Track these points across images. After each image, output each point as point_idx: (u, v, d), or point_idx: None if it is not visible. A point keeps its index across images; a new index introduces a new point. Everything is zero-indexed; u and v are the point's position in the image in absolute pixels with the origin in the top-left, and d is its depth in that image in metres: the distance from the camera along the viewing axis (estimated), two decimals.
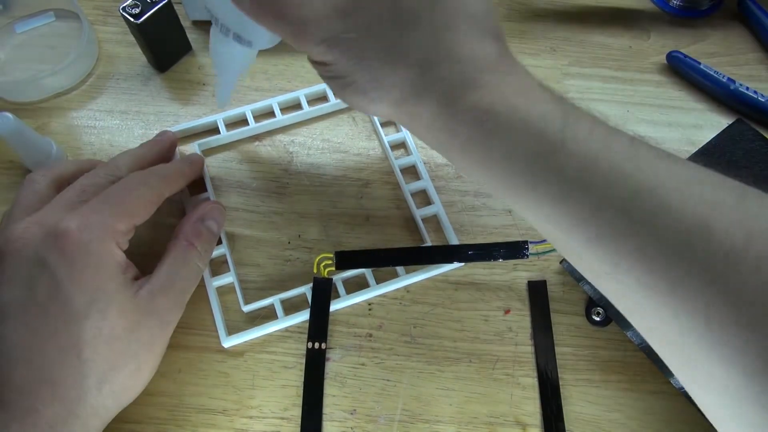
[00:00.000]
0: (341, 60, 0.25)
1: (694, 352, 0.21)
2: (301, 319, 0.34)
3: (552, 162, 0.22)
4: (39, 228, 0.28)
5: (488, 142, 0.23)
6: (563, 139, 0.22)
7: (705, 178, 0.21)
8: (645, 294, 0.21)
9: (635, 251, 0.21)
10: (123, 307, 0.28)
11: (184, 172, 0.34)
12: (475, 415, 0.33)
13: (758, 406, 0.20)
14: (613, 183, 0.21)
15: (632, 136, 0.23)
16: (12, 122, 0.34)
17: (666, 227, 0.20)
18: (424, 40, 0.24)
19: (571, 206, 0.22)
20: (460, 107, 0.24)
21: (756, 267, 0.19)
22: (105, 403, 0.28)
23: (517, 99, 0.23)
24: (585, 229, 0.22)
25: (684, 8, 0.47)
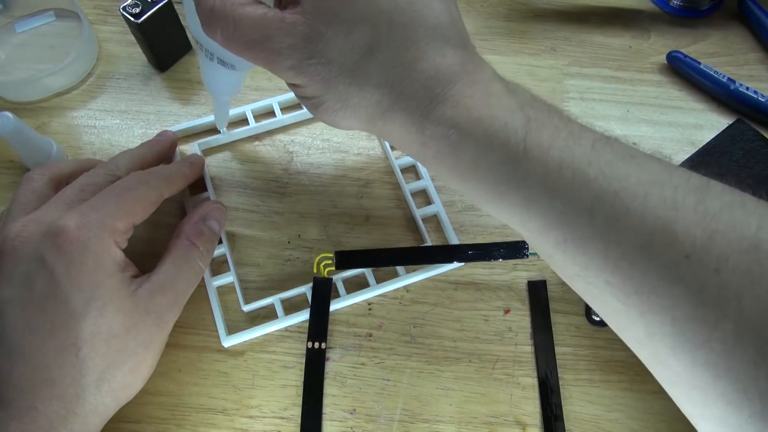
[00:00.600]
0: (309, 83, 0.26)
1: (662, 352, 0.22)
2: (301, 318, 0.34)
3: (516, 171, 0.23)
4: (37, 226, 0.28)
5: (456, 154, 0.24)
6: (525, 148, 0.23)
7: (667, 178, 0.22)
8: (613, 295, 0.22)
9: (601, 254, 0.22)
10: (121, 306, 0.28)
11: (184, 172, 0.34)
12: (475, 414, 0.33)
13: (724, 402, 0.20)
14: (576, 189, 0.22)
15: (596, 138, 0.23)
16: (12, 122, 0.34)
17: (628, 230, 0.21)
18: (385, 61, 0.24)
19: (537, 212, 0.23)
20: (426, 122, 0.24)
21: (716, 268, 0.20)
22: (104, 401, 0.28)
23: (480, 110, 0.24)
24: (553, 233, 0.23)
25: (684, 8, 0.47)
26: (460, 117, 0.24)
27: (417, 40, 0.24)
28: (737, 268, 0.20)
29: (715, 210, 0.21)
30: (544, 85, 0.44)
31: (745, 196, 0.21)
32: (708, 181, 0.22)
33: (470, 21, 0.46)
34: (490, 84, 0.25)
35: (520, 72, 0.44)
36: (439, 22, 0.25)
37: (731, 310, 0.19)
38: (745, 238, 0.20)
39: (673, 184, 0.21)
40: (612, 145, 0.23)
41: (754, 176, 0.37)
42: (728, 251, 0.20)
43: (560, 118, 0.24)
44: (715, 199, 0.21)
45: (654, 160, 0.23)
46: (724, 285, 0.20)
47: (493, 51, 0.45)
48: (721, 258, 0.20)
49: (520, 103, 0.24)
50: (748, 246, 0.20)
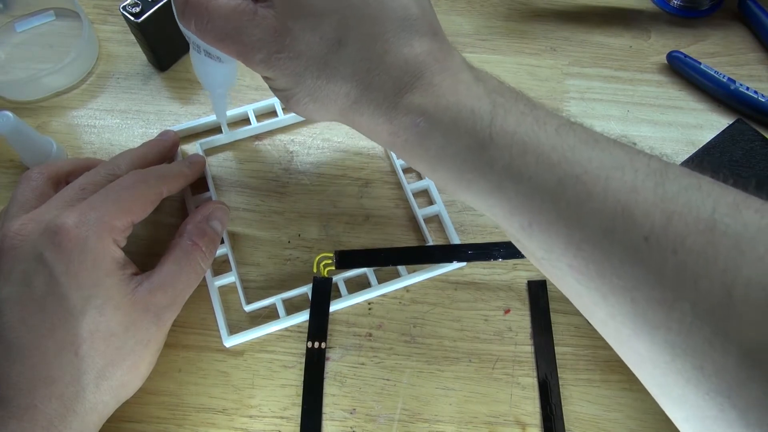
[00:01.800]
0: (279, 77, 0.26)
1: (624, 333, 0.22)
2: (302, 319, 0.34)
3: (482, 157, 0.23)
4: (36, 224, 0.28)
5: (424, 142, 0.25)
6: (491, 134, 0.23)
7: (628, 162, 0.22)
8: (576, 278, 0.23)
9: (564, 237, 0.22)
10: (120, 304, 0.28)
11: (185, 172, 0.34)
12: (475, 414, 0.33)
13: (683, 380, 0.21)
14: (540, 173, 0.22)
15: (560, 123, 0.24)
16: (12, 121, 0.34)
17: (590, 214, 0.21)
18: (354, 54, 0.25)
19: (503, 197, 0.23)
20: (395, 112, 0.25)
21: (673, 249, 0.20)
22: (103, 399, 0.28)
23: (447, 98, 0.24)
24: (519, 218, 0.23)
25: (684, 8, 0.47)
26: (428, 105, 0.24)
27: (385, 32, 0.25)
28: (693, 249, 0.20)
29: (673, 192, 0.21)
30: (545, 85, 0.44)
31: (703, 179, 0.22)
32: (667, 165, 0.22)
33: (470, 21, 0.46)
34: (458, 72, 0.25)
35: (521, 72, 0.44)
36: (407, 14, 0.25)
37: (688, 290, 0.20)
38: (701, 220, 0.20)
39: (633, 167, 0.22)
40: (575, 130, 0.23)
41: (754, 176, 0.37)
42: (685, 232, 0.20)
43: (526, 104, 0.24)
44: (674, 182, 0.21)
45: (617, 144, 0.23)
46: (680, 266, 0.20)
47: (493, 51, 0.45)
48: (678, 239, 0.20)
49: (488, 90, 0.25)
50: (704, 227, 0.20)
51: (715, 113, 0.43)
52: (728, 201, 0.21)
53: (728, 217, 0.20)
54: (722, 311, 0.19)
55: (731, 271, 0.19)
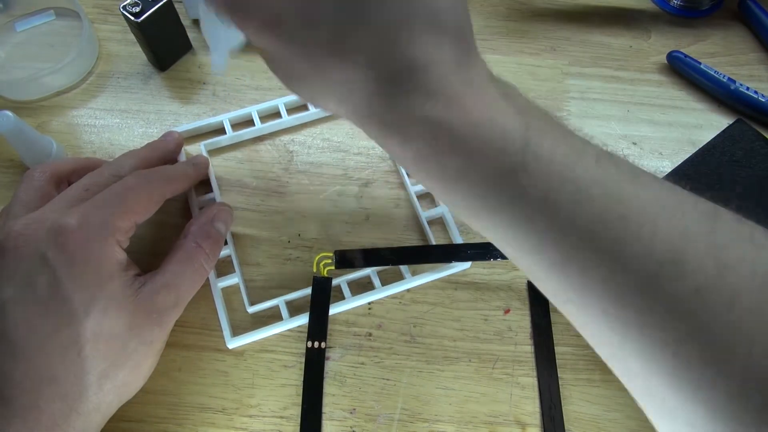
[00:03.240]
0: (284, 47, 0.22)
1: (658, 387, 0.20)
2: (305, 320, 0.34)
3: (512, 184, 0.21)
4: (40, 225, 0.28)
5: (442, 158, 0.22)
6: (524, 159, 0.21)
7: (677, 204, 0.20)
8: (610, 326, 0.21)
9: (602, 281, 0.20)
10: (123, 305, 0.28)
11: (188, 173, 0.34)
12: (475, 414, 0.33)
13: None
14: (579, 207, 0.20)
15: (599, 153, 0.21)
16: (12, 120, 0.34)
17: (634, 258, 0.19)
18: (375, 37, 0.21)
19: (533, 230, 0.21)
20: (411, 118, 0.21)
21: (728, 306, 0.18)
22: (106, 399, 0.28)
23: (476, 113, 0.21)
24: (549, 254, 0.21)
25: (684, 8, 0.47)
26: (453, 118, 0.21)
27: (413, 21, 0.21)
28: (749, 307, 0.18)
29: (725, 241, 0.19)
30: (545, 84, 0.44)
31: (755, 229, 0.20)
32: (716, 209, 0.20)
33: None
34: (486, 86, 0.22)
35: (521, 72, 0.44)
36: (439, 8, 0.21)
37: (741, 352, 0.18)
38: (757, 275, 0.19)
39: (681, 209, 0.20)
40: (617, 162, 0.21)
41: (754, 176, 0.37)
42: (740, 288, 0.18)
43: (560, 129, 0.22)
44: (725, 230, 0.20)
45: (657, 180, 0.21)
46: (734, 324, 0.18)
47: (493, 51, 0.45)
48: (734, 295, 0.18)
49: (519, 108, 0.22)
50: (760, 283, 0.18)
51: (715, 113, 0.43)
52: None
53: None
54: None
55: None
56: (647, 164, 0.41)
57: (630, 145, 0.41)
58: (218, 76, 0.39)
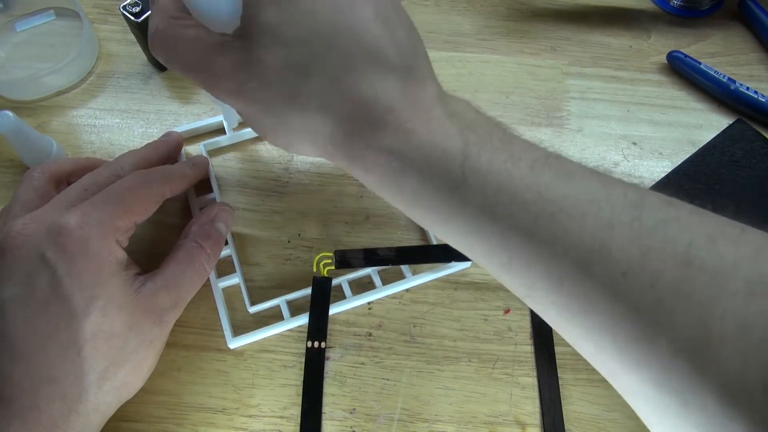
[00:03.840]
0: (251, 108, 0.26)
1: (613, 367, 0.22)
2: (306, 320, 0.34)
3: (457, 197, 0.23)
4: (39, 224, 0.28)
5: (398, 181, 0.24)
6: (464, 173, 0.23)
7: (605, 196, 0.22)
8: (560, 314, 0.23)
9: (544, 276, 0.22)
10: (123, 305, 0.28)
11: (187, 173, 0.34)
12: (475, 414, 0.33)
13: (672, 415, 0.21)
14: (515, 213, 0.22)
15: (536, 158, 0.23)
16: (12, 120, 0.34)
17: (567, 251, 0.21)
18: (324, 85, 0.24)
19: (480, 237, 0.23)
20: (368, 149, 0.24)
21: (650, 284, 0.20)
22: (105, 400, 0.28)
23: (420, 137, 0.23)
24: (497, 256, 0.23)
25: (684, 8, 0.47)
26: (400, 144, 0.23)
27: (356, 65, 0.23)
28: (670, 284, 0.20)
29: (649, 226, 0.21)
30: (545, 84, 0.44)
31: (681, 210, 0.22)
32: (644, 195, 0.22)
33: (470, 21, 0.46)
34: (432, 108, 0.24)
35: (521, 72, 0.44)
36: (379, 47, 0.24)
37: (665, 326, 0.20)
38: (677, 254, 0.20)
39: (610, 201, 0.22)
40: (551, 164, 0.23)
41: (754, 176, 0.37)
42: (662, 267, 0.20)
43: (501, 138, 0.24)
44: (651, 216, 0.21)
45: (594, 175, 0.23)
46: (657, 301, 0.20)
47: (493, 51, 0.45)
48: (655, 275, 0.20)
49: (461, 126, 0.24)
50: (680, 262, 0.20)
51: (715, 113, 0.43)
52: (705, 233, 0.21)
53: (704, 251, 0.20)
54: (699, 347, 0.19)
55: (707, 305, 0.19)
56: (647, 164, 0.41)
57: (630, 145, 0.41)
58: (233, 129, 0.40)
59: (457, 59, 0.44)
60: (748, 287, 0.19)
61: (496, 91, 0.43)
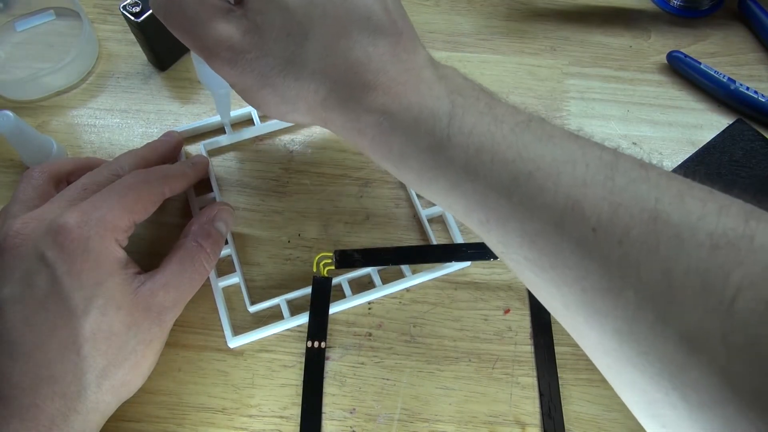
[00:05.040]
0: (246, 78, 0.26)
1: (579, 321, 0.23)
2: (306, 319, 0.34)
3: (441, 156, 0.24)
4: (38, 224, 0.28)
5: (388, 140, 0.25)
6: (449, 134, 0.24)
7: (581, 156, 0.23)
8: (533, 270, 0.23)
9: (518, 232, 0.23)
10: (122, 304, 0.28)
11: (187, 173, 0.34)
12: (475, 414, 0.33)
13: (631, 366, 0.21)
14: (495, 171, 0.23)
15: (518, 121, 0.24)
16: (12, 120, 0.34)
17: (541, 208, 0.22)
18: (319, 50, 0.25)
19: (461, 195, 0.24)
20: (360, 110, 0.25)
21: (619, 240, 0.21)
22: (105, 399, 0.28)
23: (409, 97, 0.25)
24: (476, 214, 0.24)
25: (684, 8, 0.47)
26: (391, 104, 0.25)
27: (350, 30, 0.25)
28: (637, 239, 0.21)
29: (621, 185, 0.22)
30: (544, 84, 0.44)
31: (652, 170, 0.22)
32: (618, 157, 0.23)
33: (470, 21, 0.46)
34: (421, 71, 0.25)
35: (520, 72, 0.44)
36: (371, 12, 0.25)
37: (631, 279, 0.21)
38: (645, 210, 0.21)
39: (585, 161, 0.22)
40: (531, 127, 0.24)
41: (754, 176, 0.37)
42: (630, 223, 0.21)
43: (486, 102, 0.25)
44: (623, 175, 0.22)
45: (572, 138, 0.24)
46: (625, 256, 0.21)
47: (493, 51, 0.45)
48: (623, 230, 0.21)
49: (449, 89, 0.25)
50: (647, 217, 0.21)
51: (715, 113, 0.43)
52: (673, 191, 0.21)
53: (671, 206, 0.21)
54: (662, 298, 0.20)
55: (671, 259, 0.20)
56: None
57: (630, 145, 0.41)
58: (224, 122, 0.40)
59: (457, 59, 0.44)
60: (712, 241, 0.20)
61: (496, 90, 0.43)
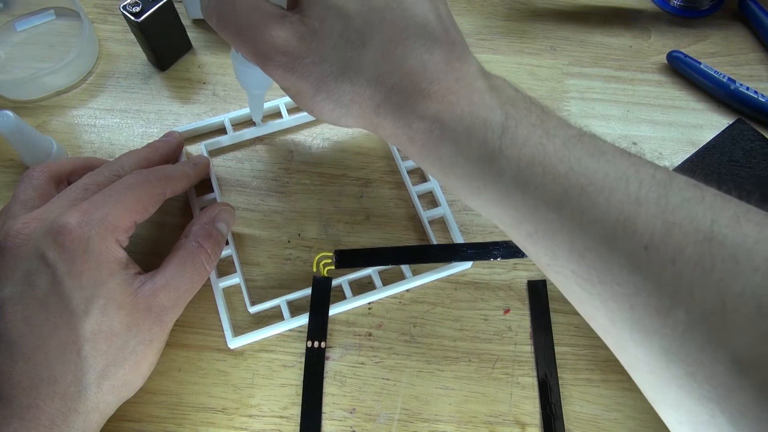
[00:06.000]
0: (301, 83, 0.26)
1: (623, 338, 0.23)
2: (307, 320, 0.34)
3: (492, 167, 0.24)
4: (39, 224, 0.28)
5: (438, 148, 0.25)
6: (501, 145, 0.24)
7: (633, 174, 0.23)
8: (579, 284, 0.24)
9: (567, 246, 0.23)
10: (123, 304, 0.28)
11: (188, 173, 0.34)
12: (475, 414, 0.33)
13: (676, 386, 0.21)
14: (546, 184, 0.23)
15: (570, 135, 0.24)
16: (12, 120, 0.34)
17: (593, 223, 0.22)
18: (376, 57, 0.25)
19: (511, 206, 0.24)
20: (413, 117, 0.25)
21: (672, 258, 0.21)
22: (105, 399, 0.28)
23: (462, 107, 0.25)
24: (525, 226, 0.24)
25: (685, 8, 0.47)
26: (443, 113, 0.25)
27: (406, 38, 0.25)
28: (691, 258, 0.20)
29: (675, 204, 0.22)
30: (545, 84, 0.44)
31: (707, 192, 0.22)
32: (672, 176, 0.23)
33: (470, 21, 0.46)
34: (474, 81, 0.26)
35: (520, 72, 0.44)
36: (427, 21, 0.26)
37: (683, 299, 0.20)
38: (700, 231, 0.21)
39: (638, 179, 0.22)
40: (583, 142, 0.24)
41: (754, 176, 0.37)
42: (684, 243, 0.21)
43: (538, 115, 0.25)
44: (677, 194, 0.22)
45: (625, 155, 0.24)
46: (678, 275, 0.21)
47: (493, 51, 0.45)
48: (677, 249, 0.21)
49: (501, 101, 0.25)
50: (702, 238, 0.21)
51: (715, 113, 0.43)
52: (729, 213, 0.21)
53: (727, 228, 0.21)
54: (715, 319, 0.20)
55: (726, 280, 0.20)
56: None
57: (630, 145, 0.41)
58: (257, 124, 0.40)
59: None
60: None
61: None
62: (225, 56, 0.43)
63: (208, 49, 0.43)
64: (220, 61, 0.43)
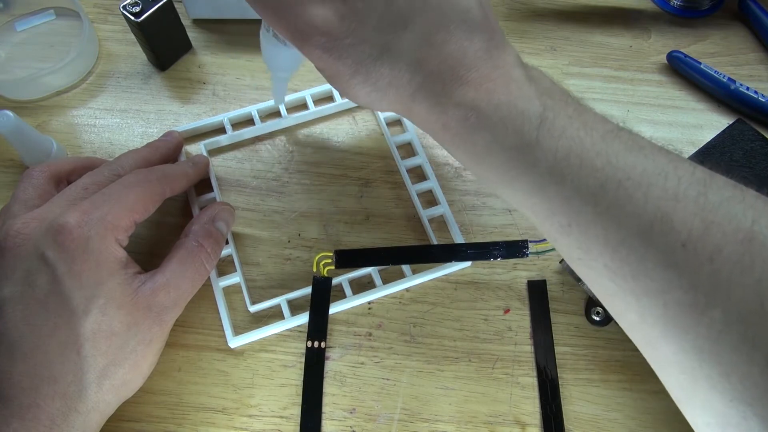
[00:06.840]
0: (339, 64, 0.26)
1: (653, 335, 0.23)
2: (307, 319, 0.34)
3: (528, 157, 0.24)
4: (39, 223, 0.28)
5: (473, 136, 0.25)
6: (538, 136, 0.24)
7: (672, 170, 0.22)
8: (611, 278, 0.23)
9: (602, 239, 0.23)
10: (123, 304, 0.28)
11: (187, 173, 0.34)
12: (475, 414, 0.33)
13: (708, 386, 0.21)
14: (583, 177, 0.23)
15: (607, 129, 0.24)
16: (12, 120, 0.34)
17: (629, 217, 0.22)
18: (416, 41, 0.25)
19: (545, 197, 0.24)
20: (449, 103, 0.25)
21: (710, 257, 0.20)
22: (105, 398, 0.28)
23: (499, 96, 0.24)
24: (558, 218, 0.24)
25: (685, 8, 0.47)
26: (480, 100, 0.24)
27: (447, 23, 0.25)
28: (730, 258, 0.20)
29: (714, 202, 0.21)
30: None
31: (747, 192, 0.22)
32: (712, 175, 0.22)
33: None
34: (512, 70, 0.25)
35: None
36: (469, 7, 0.25)
37: (720, 298, 0.20)
38: (740, 230, 0.20)
39: (677, 175, 0.22)
40: (621, 136, 0.24)
41: (754, 176, 0.37)
42: (723, 242, 0.20)
43: (575, 108, 0.25)
44: (716, 193, 0.22)
45: (663, 152, 0.23)
46: (715, 273, 0.20)
47: None
48: (716, 248, 0.20)
49: (539, 91, 0.25)
50: (742, 238, 0.20)
51: (715, 113, 0.43)
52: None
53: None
54: (753, 320, 0.20)
55: (766, 281, 0.20)
56: None
57: None
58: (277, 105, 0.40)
59: None
60: None
61: None
62: (225, 56, 0.43)
63: (208, 49, 0.43)
64: (220, 61, 0.43)
